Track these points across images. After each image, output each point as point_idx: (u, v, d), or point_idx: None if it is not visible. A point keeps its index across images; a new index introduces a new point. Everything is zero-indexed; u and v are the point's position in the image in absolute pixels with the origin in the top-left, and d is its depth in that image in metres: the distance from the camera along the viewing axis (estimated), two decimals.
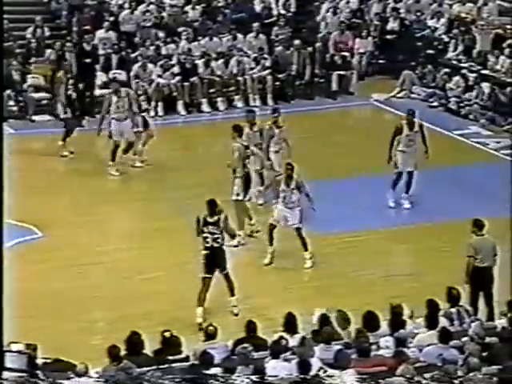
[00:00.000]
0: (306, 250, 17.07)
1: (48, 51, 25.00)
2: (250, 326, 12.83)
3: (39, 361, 12.40)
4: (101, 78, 25.25)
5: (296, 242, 17.01)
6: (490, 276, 15.01)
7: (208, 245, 15.45)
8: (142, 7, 26.67)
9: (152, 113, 23.80)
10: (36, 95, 24.68)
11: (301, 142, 20.48)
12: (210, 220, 15.52)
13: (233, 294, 15.66)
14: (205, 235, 15.44)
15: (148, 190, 20.46)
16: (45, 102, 24.67)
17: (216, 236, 15.46)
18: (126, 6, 26.83)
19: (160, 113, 24.57)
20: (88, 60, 24.99)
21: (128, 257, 17.36)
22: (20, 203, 18.47)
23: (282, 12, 27.59)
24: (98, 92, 24.93)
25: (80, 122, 23.09)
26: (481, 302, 14.79)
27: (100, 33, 25.82)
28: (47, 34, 25.74)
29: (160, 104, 24.63)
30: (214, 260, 15.49)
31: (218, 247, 15.49)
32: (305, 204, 17.12)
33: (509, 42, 25.50)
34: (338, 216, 18.77)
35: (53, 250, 17.59)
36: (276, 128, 19.23)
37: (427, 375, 10.76)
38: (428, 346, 12.12)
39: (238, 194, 18.02)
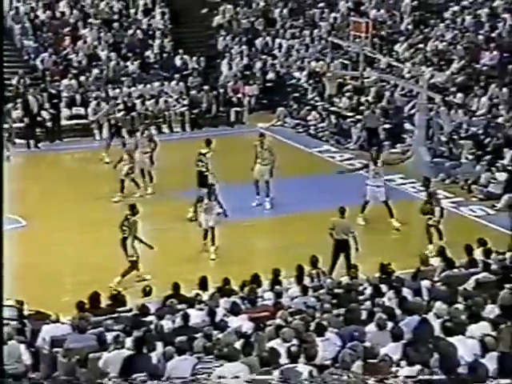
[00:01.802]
0: (213, 244, 16.53)
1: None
2: (175, 286, 12.75)
3: (25, 312, 12.31)
4: (66, 112, 24.95)
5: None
6: (344, 245, 15.28)
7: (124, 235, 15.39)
8: (96, 70, 26.23)
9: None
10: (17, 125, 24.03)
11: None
12: (128, 217, 15.43)
13: (123, 276, 15.11)
14: (123, 228, 15.36)
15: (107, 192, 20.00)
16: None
17: (124, 229, 15.36)
18: (84, 62, 26.57)
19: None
20: (55, 100, 24.65)
21: (86, 238, 17.12)
22: (9, 200, 18.22)
23: (196, 66, 27.48)
24: (63, 122, 24.68)
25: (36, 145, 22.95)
26: None
27: (65, 81, 25.49)
28: (28, 82, 25.36)
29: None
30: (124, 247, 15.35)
31: (124, 237, 15.32)
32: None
33: (347, 87, 25.82)
34: (244, 208, 18.56)
35: (34, 235, 17.35)
36: (260, 147, 18.99)
37: (296, 317, 10.79)
38: (296, 297, 12.31)
39: None
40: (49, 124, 24.27)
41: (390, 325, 10.25)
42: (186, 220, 17.86)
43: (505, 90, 23.10)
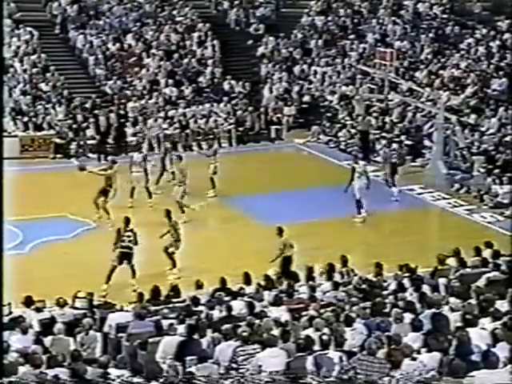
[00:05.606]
0: (174, 266, 14.95)
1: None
2: (222, 281, 12.59)
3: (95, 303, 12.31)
4: (130, 130, 24.93)
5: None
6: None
7: (124, 244, 14.27)
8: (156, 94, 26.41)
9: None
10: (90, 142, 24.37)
11: (253, 168, 20.39)
12: (127, 228, 14.39)
13: (134, 277, 14.25)
14: (123, 238, 14.25)
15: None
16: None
17: (131, 239, 14.30)
18: (147, 87, 26.68)
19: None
20: (122, 120, 24.74)
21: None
22: (81, 207, 18.31)
23: (241, 90, 27.37)
24: (128, 139, 24.61)
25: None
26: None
27: (130, 104, 25.50)
28: (99, 105, 25.50)
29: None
30: (126, 255, 14.29)
31: (131, 246, 14.27)
32: None
33: (374, 109, 25.44)
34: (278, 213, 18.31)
35: (101, 234, 17.23)
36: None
37: (328, 309, 10.64)
38: (328, 291, 12.11)
39: None
40: (116, 140, 24.36)
41: (411, 317, 10.04)
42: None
43: None
